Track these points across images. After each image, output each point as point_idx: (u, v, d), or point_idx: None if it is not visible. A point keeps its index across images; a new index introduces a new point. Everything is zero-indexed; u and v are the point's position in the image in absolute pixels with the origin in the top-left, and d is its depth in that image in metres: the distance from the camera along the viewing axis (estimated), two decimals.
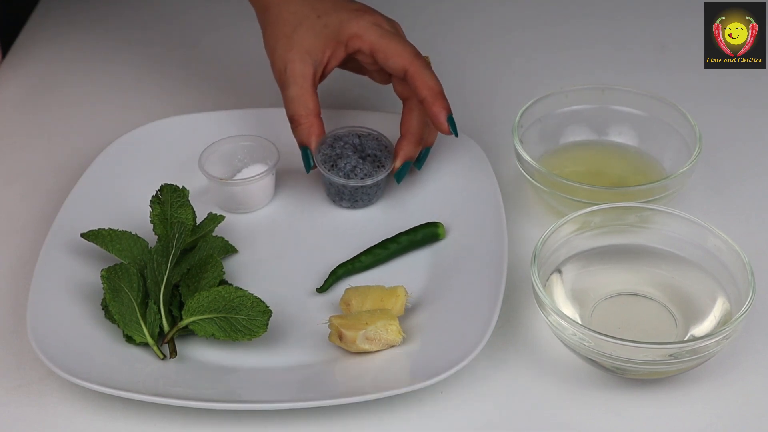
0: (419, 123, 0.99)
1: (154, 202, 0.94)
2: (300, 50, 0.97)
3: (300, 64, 0.97)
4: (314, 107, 0.98)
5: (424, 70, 0.96)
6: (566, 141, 1.06)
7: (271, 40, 0.99)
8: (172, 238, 0.88)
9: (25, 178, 1.06)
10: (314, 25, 0.98)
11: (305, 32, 0.97)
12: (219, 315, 0.86)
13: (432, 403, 0.84)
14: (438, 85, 0.96)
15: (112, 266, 0.88)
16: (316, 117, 0.98)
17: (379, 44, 0.97)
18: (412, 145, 0.99)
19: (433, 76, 0.96)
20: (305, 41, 0.97)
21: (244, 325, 0.86)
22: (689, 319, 0.88)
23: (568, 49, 1.24)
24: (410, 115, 0.99)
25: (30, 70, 1.21)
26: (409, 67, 0.96)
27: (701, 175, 1.04)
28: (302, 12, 0.98)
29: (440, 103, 0.96)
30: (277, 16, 0.99)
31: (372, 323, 0.86)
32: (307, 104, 0.98)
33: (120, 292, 0.87)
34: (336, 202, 1.01)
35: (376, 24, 0.98)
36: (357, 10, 0.99)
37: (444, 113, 0.96)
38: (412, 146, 0.99)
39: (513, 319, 0.90)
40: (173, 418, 0.83)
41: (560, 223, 0.90)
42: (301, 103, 0.98)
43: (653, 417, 0.83)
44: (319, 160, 1.00)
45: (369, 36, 0.97)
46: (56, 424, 0.84)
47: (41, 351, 0.84)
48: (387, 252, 0.95)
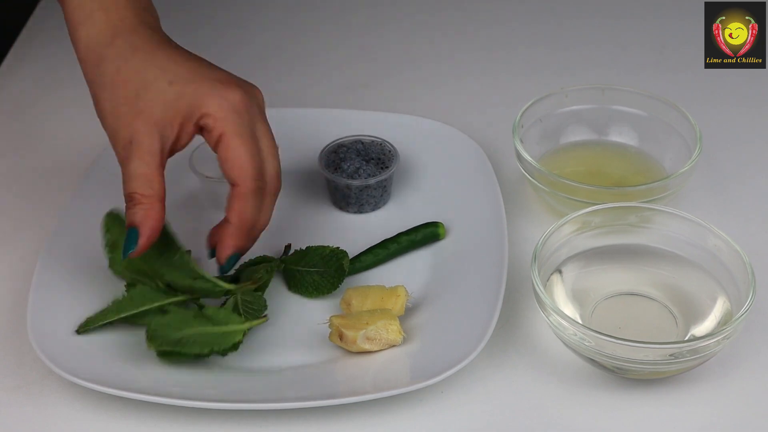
0: (253, 208, 0.85)
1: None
2: (148, 121, 0.82)
3: (148, 137, 0.82)
4: (159, 189, 0.83)
5: (250, 198, 0.84)
6: (566, 141, 1.06)
7: (108, 103, 0.83)
8: None
9: (25, 179, 1.06)
10: (164, 92, 0.83)
11: (153, 100, 0.82)
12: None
13: (432, 403, 0.84)
14: (250, 220, 0.84)
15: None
16: (159, 201, 0.83)
17: (225, 141, 0.83)
18: (243, 234, 0.85)
19: (255, 207, 0.84)
20: (154, 111, 0.82)
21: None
22: (689, 319, 0.88)
23: (568, 49, 1.24)
24: (243, 200, 0.85)
25: (30, 70, 1.21)
26: (239, 187, 0.84)
27: (701, 175, 1.04)
28: (149, 73, 0.83)
29: (236, 241, 0.85)
30: (114, 75, 0.83)
31: (372, 323, 0.86)
32: (153, 185, 0.83)
33: None
34: (343, 208, 1.01)
35: (235, 110, 0.83)
36: (218, 81, 0.84)
37: (230, 251, 0.85)
38: (244, 237, 0.86)
39: (513, 319, 0.90)
40: (173, 418, 0.83)
41: (560, 223, 0.90)
42: (146, 182, 0.83)
43: (653, 417, 0.83)
44: (323, 164, 1.00)
45: (223, 124, 0.83)
46: (56, 424, 0.84)
47: (41, 351, 0.84)
48: (387, 252, 0.95)
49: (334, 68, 1.22)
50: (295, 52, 1.25)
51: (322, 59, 1.24)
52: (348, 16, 1.31)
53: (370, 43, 1.27)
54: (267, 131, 0.86)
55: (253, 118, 0.85)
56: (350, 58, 1.24)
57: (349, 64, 1.23)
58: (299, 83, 1.19)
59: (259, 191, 0.84)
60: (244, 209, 0.84)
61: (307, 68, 1.22)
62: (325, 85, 1.19)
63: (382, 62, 1.23)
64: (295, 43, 1.26)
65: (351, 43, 1.27)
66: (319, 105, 1.14)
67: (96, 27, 0.85)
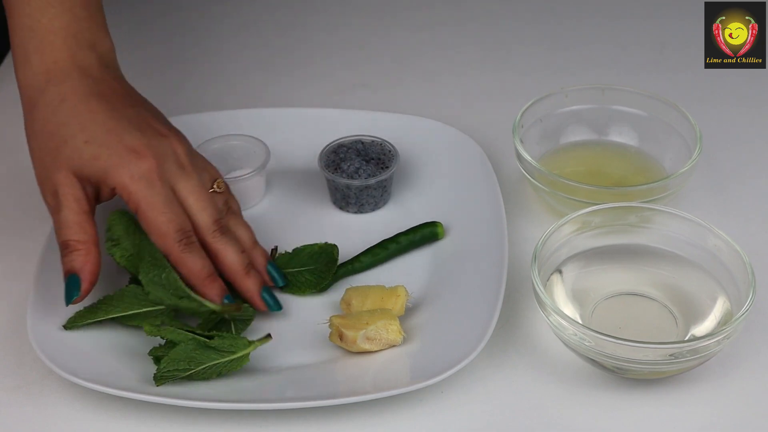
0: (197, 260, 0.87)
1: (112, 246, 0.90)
2: (68, 174, 0.85)
3: (70, 188, 0.85)
4: (93, 234, 0.85)
5: (186, 256, 0.86)
6: (566, 141, 1.06)
7: (37, 152, 0.87)
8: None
9: (25, 178, 1.06)
10: (80, 150, 0.85)
11: (71, 156, 0.85)
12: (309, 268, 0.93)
13: (432, 403, 0.84)
14: (204, 270, 0.86)
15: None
16: (94, 245, 0.85)
17: (141, 214, 0.85)
18: (210, 281, 0.87)
19: (197, 259, 0.86)
20: (72, 166, 0.85)
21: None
22: (690, 318, 0.88)
23: (568, 49, 1.24)
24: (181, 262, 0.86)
25: None
26: (170, 253, 0.86)
27: (701, 175, 1.04)
28: (69, 129, 0.85)
29: (214, 287, 0.87)
30: (43, 124, 0.86)
31: (372, 323, 0.86)
32: (85, 230, 0.85)
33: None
34: (343, 208, 1.01)
35: (147, 181, 0.85)
36: (131, 151, 0.85)
37: (218, 298, 0.87)
38: (248, 280, 0.89)
39: (513, 319, 0.90)
40: (173, 418, 0.83)
41: (560, 223, 0.90)
42: (79, 229, 0.85)
43: (653, 417, 0.83)
44: (323, 164, 1.00)
45: (136, 197, 0.85)
46: (56, 424, 0.84)
47: (41, 351, 0.84)
48: (387, 252, 0.95)
49: (334, 68, 1.22)
50: (295, 52, 1.24)
51: (322, 59, 1.24)
52: (348, 16, 1.31)
53: (370, 43, 1.27)
54: (190, 184, 0.87)
55: (171, 179, 0.86)
56: (350, 58, 1.24)
57: (349, 64, 1.23)
58: (299, 83, 1.19)
59: (189, 248, 0.86)
60: (187, 269, 0.86)
61: (307, 68, 1.22)
62: (325, 85, 1.19)
63: (382, 62, 1.23)
64: (295, 43, 1.26)
65: (351, 43, 1.27)
66: (319, 105, 1.14)
67: (32, 70, 0.88)
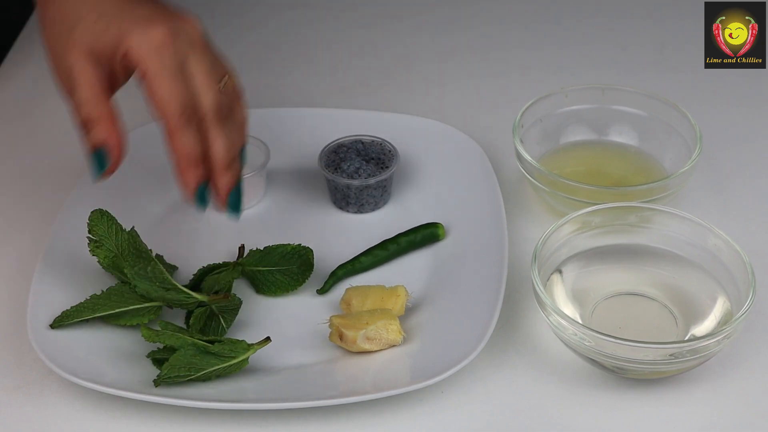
0: (189, 140, 0.84)
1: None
2: (81, 52, 0.84)
3: (84, 68, 0.84)
4: (113, 109, 0.84)
5: (178, 133, 0.83)
6: (566, 141, 1.06)
7: (50, 39, 0.86)
8: None
9: (26, 179, 1.06)
10: (92, 26, 0.84)
11: (83, 33, 0.84)
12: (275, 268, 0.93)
13: (432, 403, 0.84)
14: (192, 152, 0.84)
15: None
16: (117, 118, 0.85)
17: (147, 79, 0.83)
18: (192, 167, 0.84)
19: (190, 139, 0.83)
20: (84, 43, 0.84)
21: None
22: (690, 318, 0.88)
23: (568, 49, 1.24)
24: (171, 136, 0.84)
25: (30, 71, 1.21)
26: (167, 124, 0.83)
27: (701, 175, 1.04)
28: (82, 10, 0.85)
29: (193, 174, 0.84)
30: (56, 12, 0.86)
31: (372, 323, 0.86)
32: (105, 104, 0.84)
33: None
34: (343, 207, 1.01)
35: (157, 48, 0.83)
36: (143, 18, 0.84)
37: (192, 185, 0.84)
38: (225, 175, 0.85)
39: (513, 319, 0.90)
40: (173, 418, 0.83)
41: (560, 223, 0.90)
42: (98, 102, 0.84)
43: (653, 417, 0.83)
44: (323, 164, 1.00)
45: (145, 63, 0.83)
46: (56, 424, 0.84)
47: (41, 351, 0.84)
48: (386, 253, 0.95)
49: (334, 68, 1.22)
50: (295, 51, 1.24)
51: (321, 59, 1.24)
52: (348, 15, 1.31)
53: (369, 42, 1.27)
54: (201, 64, 0.85)
55: (181, 53, 0.84)
56: (350, 58, 1.24)
57: (349, 64, 1.23)
58: (299, 83, 1.19)
59: (187, 125, 0.83)
60: (179, 144, 0.83)
61: (307, 68, 1.22)
62: (325, 85, 1.19)
63: (382, 62, 1.23)
64: (295, 42, 1.26)
65: (350, 43, 1.27)
66: (319, 105, 1.14)
67: None
